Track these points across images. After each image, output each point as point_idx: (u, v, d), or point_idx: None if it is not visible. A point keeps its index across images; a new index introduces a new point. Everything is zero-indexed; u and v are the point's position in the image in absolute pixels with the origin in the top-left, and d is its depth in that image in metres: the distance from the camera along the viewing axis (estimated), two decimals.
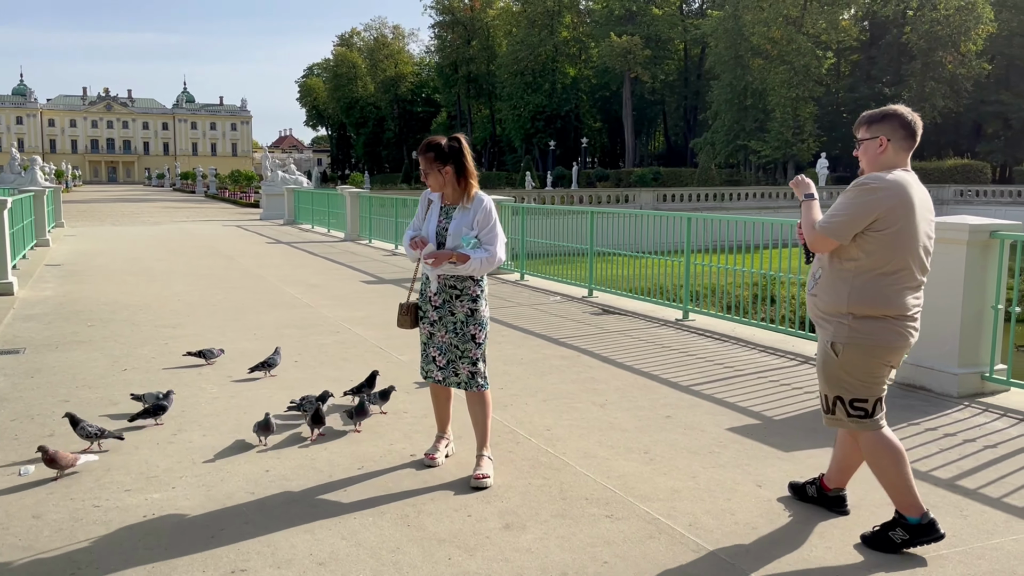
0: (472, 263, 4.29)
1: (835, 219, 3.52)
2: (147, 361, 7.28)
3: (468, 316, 4.43)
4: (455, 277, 4.40)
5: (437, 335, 4.48)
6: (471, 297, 4.43)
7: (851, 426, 3.68)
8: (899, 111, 3.68)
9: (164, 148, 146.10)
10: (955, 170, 54.91)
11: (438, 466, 4.60)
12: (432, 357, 4.53)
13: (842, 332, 3.56)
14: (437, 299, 4.46)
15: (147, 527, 3.86)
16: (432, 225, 4.43)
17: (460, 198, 4.40)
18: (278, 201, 32.39)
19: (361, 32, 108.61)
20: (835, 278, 3.58)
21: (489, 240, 4.37)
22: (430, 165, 4.35)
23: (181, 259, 16.21)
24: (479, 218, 4.37)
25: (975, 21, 56.38)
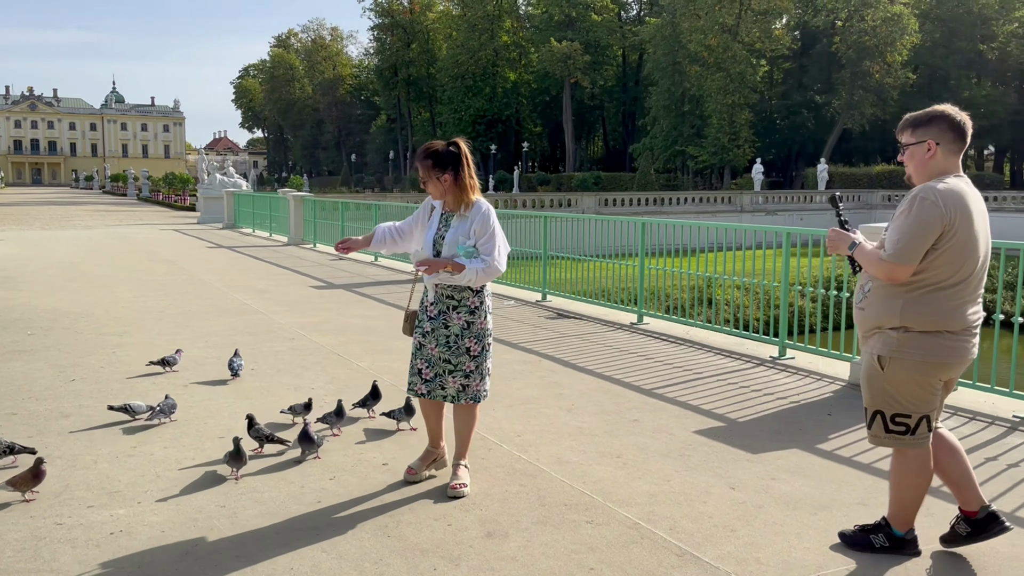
0: (468, 273, 4.14)
1: (901, 244, 3.28)
2: (95, 371, 7.02)
3: (463, 329, 4.27)
4: (452, 287, 4.25)
5: (427, 347, 4.31)
6: (468, 309, 4.28)
7: (888, 443, 3.54)
8: (947, 112, 3.42)
9: (92, 149, 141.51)
10: (882, 176, 56.67)
11: (420, 481, 4.44)
12: (418, 369, 4.34)
13: (890, 345, 3.40)
14: (433, 309, 4.31)
15: (115, 545, 3.72)
16: (431, 233, 4.28)
17: (459, 205, 4.25)
18: (216, 204, 31.66)
19: (298, 33, 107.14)
20: (887, 291, 3.41)
21: (487, 249, 4.21)
22: (428, 173, 4.19)
23: (120, 264, 15.71)
24: (476, 227, 4.22)
25: (900, 32, 58.33)
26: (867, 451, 5.03)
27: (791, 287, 7.84)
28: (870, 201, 50.33)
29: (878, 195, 50.86)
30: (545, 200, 43.19)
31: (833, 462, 4.85)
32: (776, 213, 45.89)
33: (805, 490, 4.40)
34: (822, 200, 49.33)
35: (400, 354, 7.73)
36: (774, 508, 4.17)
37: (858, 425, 5.55)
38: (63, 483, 4.43)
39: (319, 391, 6.33)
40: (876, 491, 4.39)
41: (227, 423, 5.52)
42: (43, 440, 5.14)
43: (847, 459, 4.90)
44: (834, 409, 5.98)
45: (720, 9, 58.60)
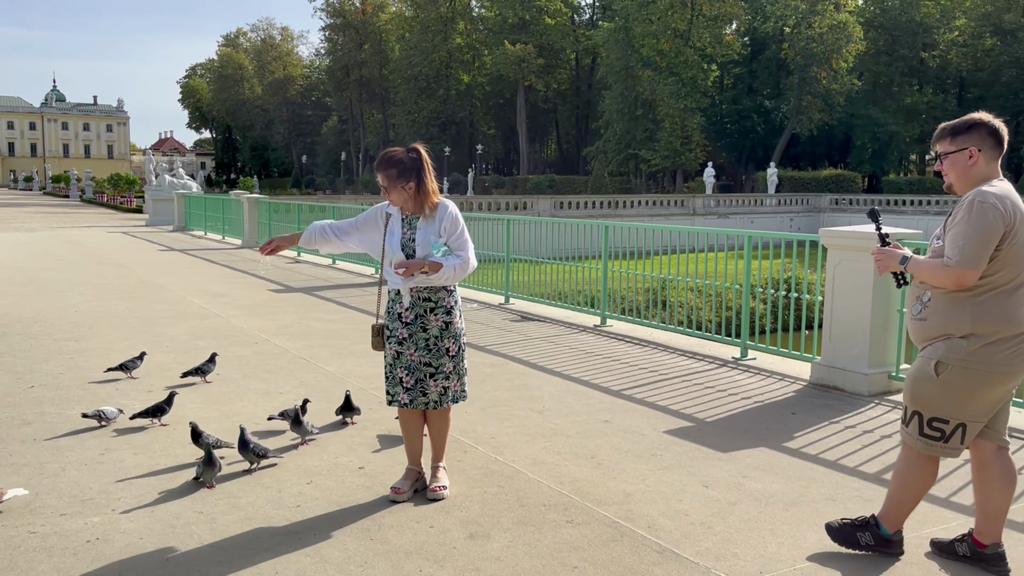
0: (446, 270, 4.14)
1: (968, 250, 3.23)
2: (54, 377, 6.87)
3: (443, 330, 4.25)
4: (429, 289, 4.22)
5: (406, 354, 4.24)
6: (445, 309, 4.25)
7: (918, 444, 3.46)
8: (985, 119, 3.40)
9: (32, 149, 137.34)
10: (830, 180, 58.05)
11: (404, 501, 4.25)
12: (399, 379, 4.26)
13: (957, 352, 3.31)
14: (409, 314, 4.23)
15: (93, 552, 3.66)
16: (396, 238, 4.23)
17: (421, 208, 4.23)
18: (166, 206, 31.07)
19: (248, 33, 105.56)
20: (952, 298, 3.33)
21: (460, 246, 4.22)
22: (392, 182, 4.14)
23: (70, 268, 15.34)
24: (446, 225, 4.21)
25: (846, 40, 59.82)
26: (832, 448, 5.19)
27: (752, 287, 8.00)
28: (818, 204, 51.49)
29: (826, 199, 52.06)
30: (500, 203, 43.27)
31: (800, 459, 4.99)
32: (728, 216, 46.66)
33: (776, 487, 4.52)
34: (772, 203, 50.32)
35: (367, 357, 7.71)
36: (747, 505, 4.27)
37: (821, 422, 5.72)
38: (33, 491, 4.34)
39: (289, 396, 6.29)
40: (843, 487, 4.53)
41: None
42: (7, 448, 5.02)
43: (814, 456, 5.04)
44: (798, 408, 6.14)
45: (672, 14, 59.42)
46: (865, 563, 3.63)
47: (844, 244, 6.69)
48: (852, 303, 6.61)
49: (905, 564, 3.64)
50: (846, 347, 6.66)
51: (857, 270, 6.55)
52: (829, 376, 6.75)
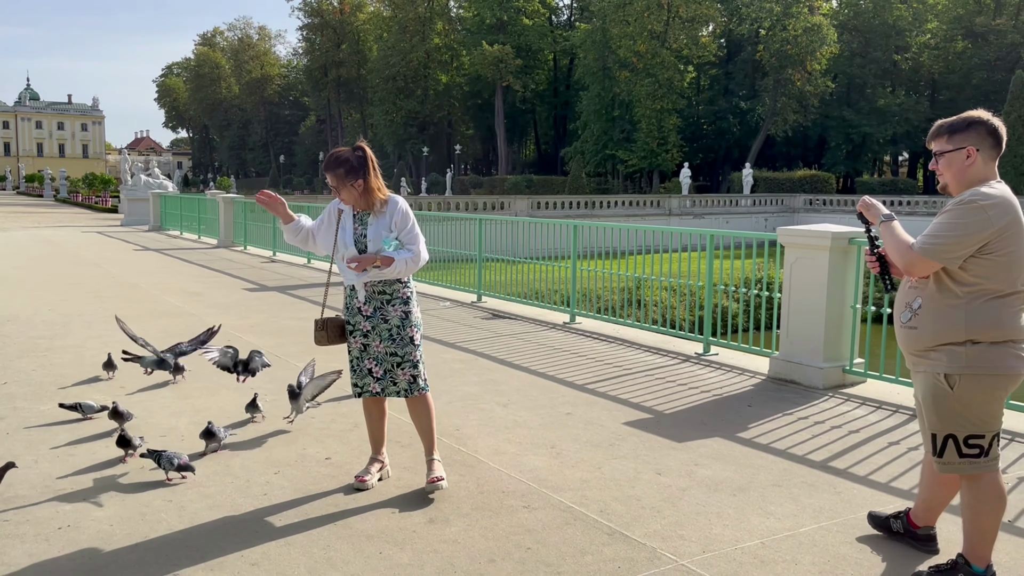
0: (398, 264, 4.25)
1: (939, 240, 3.16)
2: (27, 374, 6.96)
3: (403, 319, 4.37)
4: (383, 282, 4.35)
5: (372, 345, 4.37)
6: (402, 299, 4.38)
7: (965, 468, 3.30)
8: (983, 117, 3.27)
9: (5, 148, 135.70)
10: (804, 180, 58.76)
11: (369, 488, 4.41)
12: (368, 370, 4.40)
13: (958, 361, 3.21)
14: (367, 308, 4.36)
15: (65, 539, 3.79)
16: (348, 234, 4.35)
17: (371, 204, 4.34)
18: (141, 206, 30.97)
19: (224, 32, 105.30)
20: (944, 305, 3.23)
21: (410, 240, 4.33)
22: (342, 181, 4.25)
23: (43, 267, 15.33)
24: (397, 220, 4.32)
25: (820, 42, 60.59)
26: (783, 438, 5.41)
27: (715, 287, 8.23)
28: (793, 205, 52.09)
29: (800, 199, 52.69)
30: (478, 203, 43.43)
31: (751, 448, 5.20)
32: (704, 216, 47.11)
33: (726, 474, 4.73)
34: (747, 204, 50.86)
35: (337, 353, 7.81)
36: (697, 491, 4.48)
37: (775, 414, 5.95)
38: (5, 482, 4.44)
39: (259, 391, 6.41)
40: (790, 474, 4.75)
41: (168, 422, 5.59)
42: None
43: (764, 446, 5.26)
44: (754, 401, 6.36)
45: (649, 16, 59.87)
46: (801, 543, 3.84)
47: (800, 242, 6.92)
48: (808, 299, 6.84)
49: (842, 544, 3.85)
50: (802, 342, 6.89)
51: (812, 267, 6.78)
52: (786, 370, 6.98)
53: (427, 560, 3.62)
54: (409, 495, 4.38)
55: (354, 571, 3.52)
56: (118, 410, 5.22)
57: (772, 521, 4.08)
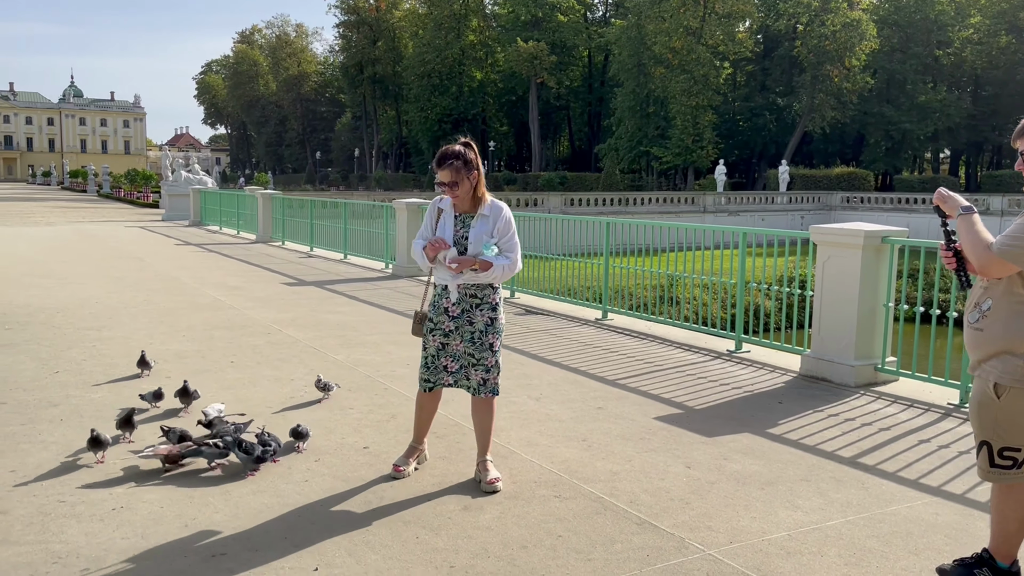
0: (495, 270, 4.28)
1: (1012, 241, 3.01)
2: (78, 364, 7.23)
3: (488, 325, 4.40)
4: (475, 286, 4.36)
5: (452, 344, 4.41)
6: (491, 306, 4.41)
7: (992, 478, 3.24)
8: None
9: (50, 144, 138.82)
10: (841, 178, 58.05)
11: (406, 477, 4.53)
12: (444, 366, 4.45)
13: (1011, 372, 3.09)
14: (455, 309, 4.38)
15: (118, 519, 3.99)
16: (449, 234, 4.35)
17: (474, 206, 4.36)
18: (182, 202, 31.56)
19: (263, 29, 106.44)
20: (1012, 311, 3.10)
21: (509, 247, 4.36)
22: (459, 174, 4.24)
23: (89, 261, 15.77)
24: (500, 226, 4.35)
25: (859, 37, 59.78)
26: (813, 434, 5.46)
27: (747, 285, 8.26)
28: (830, 203, 51.51)
29: (837, 196, 52.09)
30: (512, 199, 43.53)
31: (781, 444, 5.27)
32: (738, 214, 46.78)
33: (754, 468, 4.81)
34: (783, 201, 50.39)
35: (374, 348, 8.05)
36: (726, 484, 4.56)
37: (806, 411, 6.00)
38: (61, 465, 4.68)
39: (299, 382, 6.63)
40: (818, 469, 4.81)
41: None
42: (36, 427, 5.37)
43: (794, 441, 5.32)
44: (784, 398, 6.41)
45: (685, 12, 59.49)
46: (827, 536, 3.92)
47: (832, 241, 6.95)
48: (840, 297, 6.87)
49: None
50: (834, 340, 6.92)
51: (844, 265, 6.81)
52: (818, 368, 7.02)
53: (462, 545, 3.76)
54: (444, 484, 4.52)
55: (392, 554, 3.67)
56: (187, 390, 5.63)
57: (799, 514, 4.15)
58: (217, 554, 3.65)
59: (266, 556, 3.63)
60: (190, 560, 3.59)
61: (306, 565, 3.56)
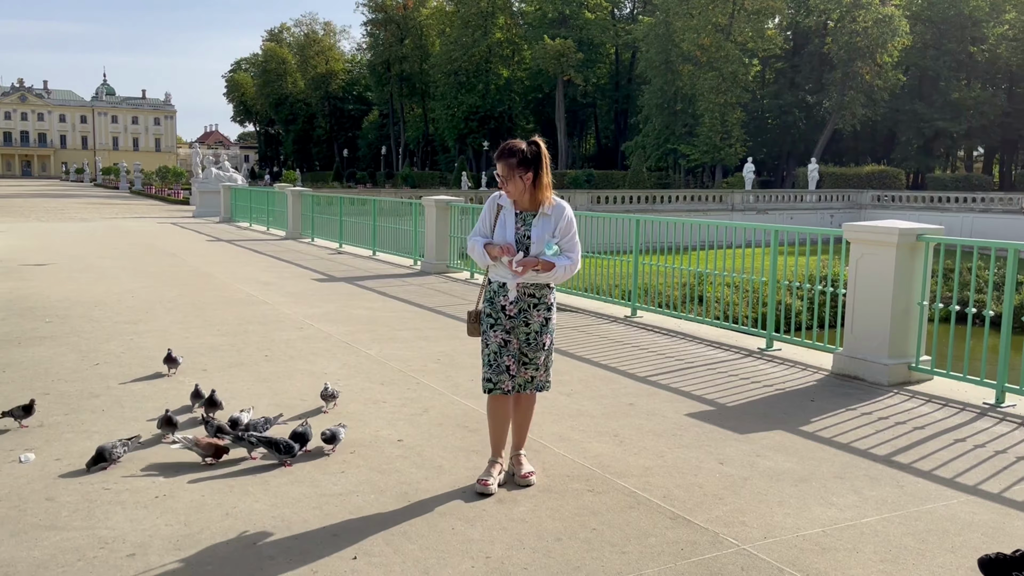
0: (557, 270, 4.22)
1: None
2: (117, 356, 7.37)
3: (543, 325, 4.35)
4: (534, 285, 4.30)
5: (512, 343, 4.34)
6: (547, 306, 4.36)
7: None
8: None
9: (83, 142, 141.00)
10: (872, 176, 57.38)
11: (492, 494, 4.29)
12: (506, 367, 4.34)
13: None
14: (513, 308, 4.32)
15: (161, 507, 4.08)
16: (510, 232, 4.28)
17: (536, 204, 4.29)
18: (212, 198, 31.94)
19: (291, 28, 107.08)
20: None
21: (571, 247, 4.30)
22: (511, 171, 4.20)
23: (123, 256, 16.02)
24: (562, 225, 4.28)
25: (891, 34, 58.97)
26: (846, 432, 5.44)
27: (779, 283, 8.23)
28: (860, 201, 50.96)
29: (868, 195, 51.52)
30: None
31: (814, 441, 5.26)
32: (767, 212, 46.44)
33: (787, 465, 4.81)
34: (812, 199, 49.93)
35: (405, 343, 8.12)
36: (759, 480, 4.57)
37: (839, 409, 5.97)
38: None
39: (332, 376, 6.71)
40: (852, 467, 4.80)
41: (249, 403, 5.87)
42: (79, 417, 5.50)
43: (827, 439, 5.31)
44: (817, 396, 6.38)
45: (713, 9, 59.12)
46: (863, 533, 3.91)
47: (866, 238, 6.90)
48: (873, 295, 6.82)
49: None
50: (867, 338, 6.88)
51: (878, 263, 6.76)
52: (850, 366, 6.98)
53: (497, 537, 3.81)
54: (477, 476, 4.55)
55: (429, 544, 3.72)
56: (213, 399, 5.42)
57: (834, 511, 4.15)
58: (258, 541, 3.72)
59: (305, 544, 3.70)
60: (232, 547, 3.67)
61: (345, 553, 3.62)
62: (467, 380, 6.63)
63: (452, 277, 13.26)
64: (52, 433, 5.18)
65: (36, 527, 3.84)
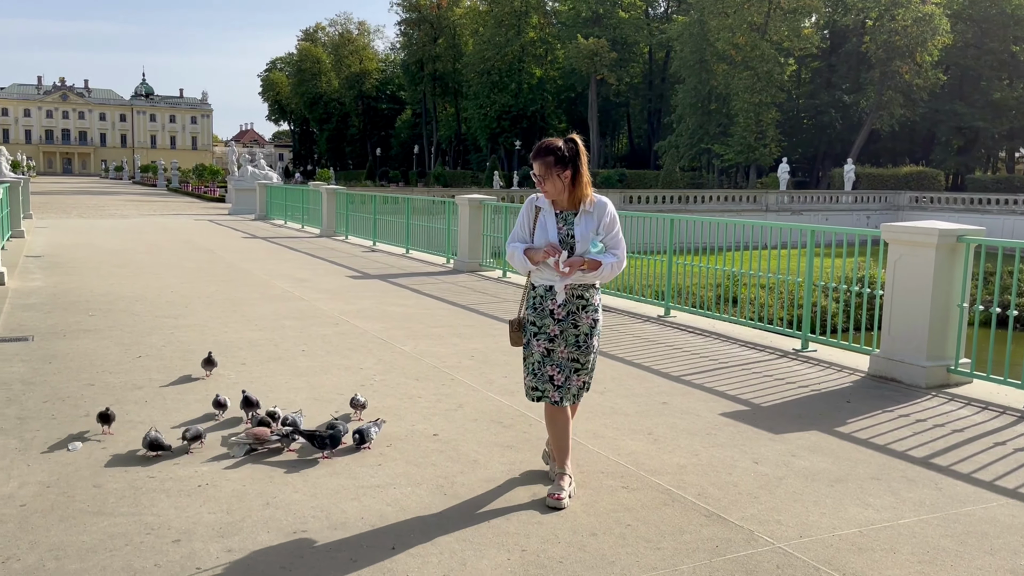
0: (604, 269, 4.10)
1: None
2: (158, 349, 7.53)
3: (591, 327, 4.22)
4: (582, 286, 4.18)
5: (557, 351, 4.18)
6: (594, 307, 4.24)
7: None
8: None
9: (122, 140, 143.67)
10: (910, 177, 56.48)
11: (564, 508, 4.10)
12: (549, 376, 4.19)
13: None
14: (561, 311, 4.17)
15: (204, 495, 4.18)
16: (552, 233, 4.14)
17: (576, 203, 4.16)
18: (248, 196, 32.35)
19: (326, 27, 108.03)
20: None
21: (615, 244, 4.18)
22: (548, 170, 4.07)
23: (162, 252, 16.31)
24: (605, 222, 4.15)
25: (931, 32, 58.00)
26: (883, 434, 5.40)
27: (814, 284, 8.16)
28: (897, 202, 50.24)
29: (905, 196, 50.77)
30: None
31: (850, 443, 5.22)
32: (802, 213, 45.95)
33: (823, 465, 4.79)
34: (848, 200, 49.33)
35: (439, 339, 8.19)
36: (794, 480, 4.56)
37: (875, 411, 5.93)
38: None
39: (368, 371, 6.80)
40: (889, 468, 4.76)
41: (287, 396, 5.99)
42: (123, 408, 5.63)
43: (864, 440, 5.27)
44: (853, 397, 6.34)
45: (749, 8, 58.60)
46: (900, 534, 3.89)
47: (905, 239, 6.83)
48: (912, 297, 6.75)
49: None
50: (905, 340, 6.81)
51: (917, 264, 6.69)
52: (887, 368, 6.91)
53: (532, 530, 3.85)
54: (513, 472, 4.60)
55: (466, 536, 3.77)
56: (249, 400, 5.40)
57: (870, 512, 4.13)
58: (298, 531, 3.80)
59: (344, 533, 3.77)
60: (273, 535, 3.75)
61: (383, 543, 3.68)
62: (501, 377, 6.68)
63: (485, 275, 13.33)
64: (91, 423, 5.30)
65: (84, 513, 3.95)
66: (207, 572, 3.40)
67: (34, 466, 4.55)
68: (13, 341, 7.76)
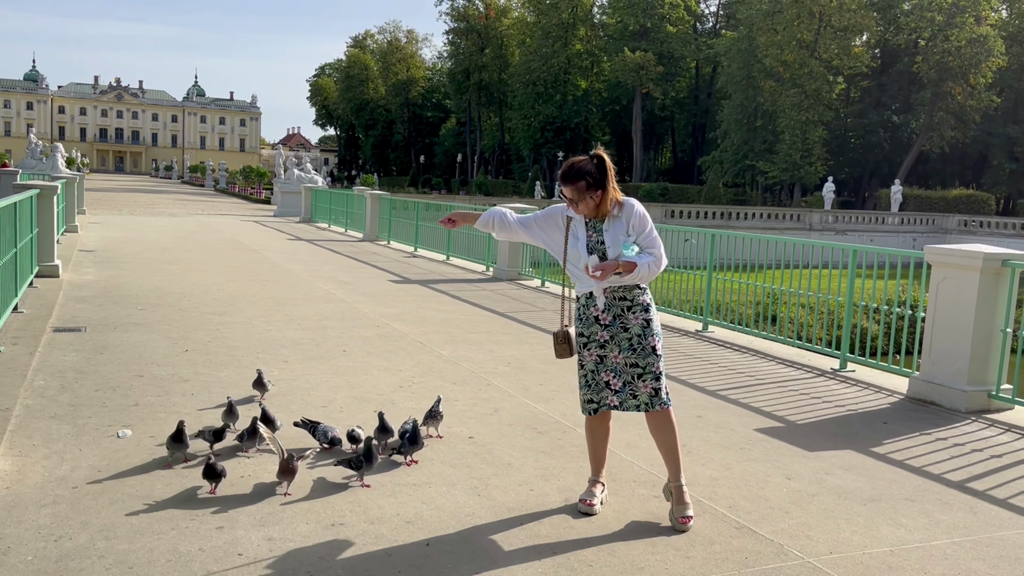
0: (640, 269, 4.00)
1: None
2: (204, 344, 7.74)
3: (644, 327, 4.11)
4: (622, 288, 4.10)
5: (610, 356, 4.12)
6: (643, 306, 4.12)
7: None
8: None
9: (172, 140, 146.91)
10: (960, 200, 55.49)
11: (596, 514, 4.17)
12: (605, 383, 4.15)
13: None
14: (606, 316, 4.10)
15: (245, 485, 4.32)
16: (583, 243, 4.11)
17: (605, 213, 4.10)
18: (293, 199, 32.88)
19: (375, 35, 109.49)
20: None
21: (650, 243, 4.09)
22: (581, 195, 4.01)
23: (209, 251, 16.69)
24: (635, 223, 4.08)
25: (986, 54, 57.02)
26: (919, 456, 5.37)
27: (855, 305, 8.11)
28: (945, 226, 49.36)
29: (954, 220, 49.87)
30: None
31: (885, 463, 5.21)
32: (846, 233, 45.38)
33: (856, 484, 4.78)
34: (894, 222, 48.59)
35: (476, 345, 8.29)
36: (826, 497, 4.56)
37: (912, 433, 5.89)
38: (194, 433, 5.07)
39: (407, 373, 6.93)
40: (924, 490, 4.74)
41: (327, 395, 6.14)
42: (170, 399, 5.82)
43: (899, 461, 5.25)
44: (890, 419, 6.30)
45: (799, 25, 58.16)
46: (932, 555, 3.88)
47: (949, 262, 6.78)
48: (954, 320, 6.69)
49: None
50: (946, 363, 6.74)
51: (961, 288, 6.63)
52: (927, 391, 6.85)
53: (564, 533, 3.92)
54: (546, 477, 4.68)
55: (497, 536, 3.85)
56: (261, 380, 5.73)
57: (903, 532, 4.13)
58: (336, 523, 3.92)
59: (381, 529, 3.88)
60: (311, 526, 3.87)
61: (419, 540, 3.78)
62: (536, 384, 6.76)
63: (523, 284, 13.43)
64: (147, 412, 5.50)
65: (132, 497, 4.11)
66: (248, 558, 3.53)
67: (86, 451, 4.74)
68: (67, 331, 8.04)
